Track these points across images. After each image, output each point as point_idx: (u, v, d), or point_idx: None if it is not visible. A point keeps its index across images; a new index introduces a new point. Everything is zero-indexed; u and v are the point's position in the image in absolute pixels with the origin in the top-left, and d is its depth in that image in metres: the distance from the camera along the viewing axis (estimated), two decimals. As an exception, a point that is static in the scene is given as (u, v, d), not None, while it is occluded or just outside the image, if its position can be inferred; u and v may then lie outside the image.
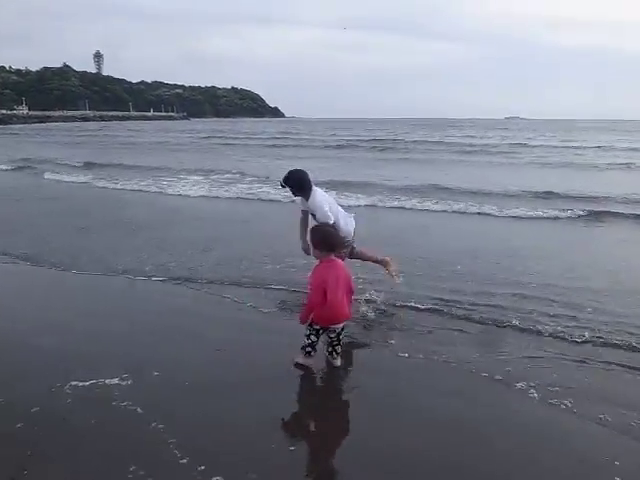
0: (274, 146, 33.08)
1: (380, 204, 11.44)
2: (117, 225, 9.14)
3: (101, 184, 15.29)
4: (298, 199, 5.08)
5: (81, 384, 3.51)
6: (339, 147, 31.49)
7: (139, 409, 3.22)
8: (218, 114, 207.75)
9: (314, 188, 4.89)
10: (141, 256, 6.89)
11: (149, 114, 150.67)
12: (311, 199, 4.84)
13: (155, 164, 20.04)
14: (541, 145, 32.13)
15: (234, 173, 16.98)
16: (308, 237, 4.15)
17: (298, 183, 4.87)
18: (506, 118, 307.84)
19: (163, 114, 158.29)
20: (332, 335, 3.76)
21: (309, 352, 3.75)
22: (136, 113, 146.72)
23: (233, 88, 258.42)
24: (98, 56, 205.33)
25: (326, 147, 31.68)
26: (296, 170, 4.93)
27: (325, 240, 3.72)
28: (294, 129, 60.08)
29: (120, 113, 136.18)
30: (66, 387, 3.48)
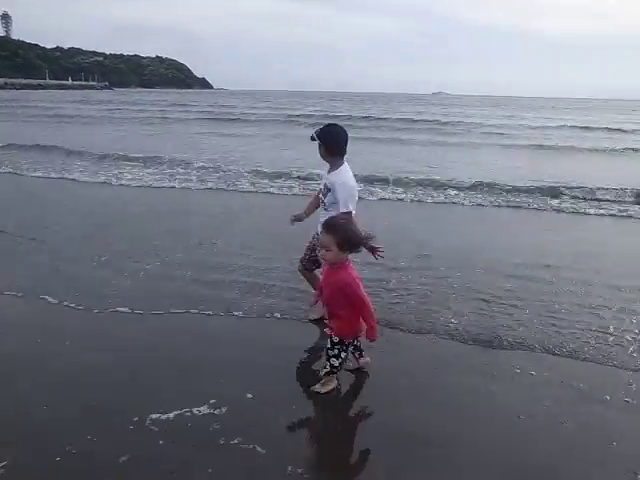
0: (212, 120, 31.42)
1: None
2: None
3: (38, 173, 12.23)
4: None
5: (164, 416, 3.00)
6: (290, 122, 30.59)
7: (258, 448, 2.76)
8: (143, 84, 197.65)
9: (345, 162, 4.12)
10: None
11: (68, 83, 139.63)
12: (337, 171, 4.06)
13: (92, 146, 16.81)
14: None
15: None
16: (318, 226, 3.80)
17: (329, 138, 4.05)
18: (433, 93, 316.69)
19: (83, 83, 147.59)
20: (355, 342, 3.39)
21: (335, 374, 3.28)
22: (53, 82, 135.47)
23: (158, 57, 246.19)
24: (6, 17, 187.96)
25: (277, 121, 30.68)
26: (334, 124, 4.23)
27: (352, 239, 3.02)
28: (226, 102, 57.27)
29: (35, 81, 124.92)
30: (147, 421, 2.96)
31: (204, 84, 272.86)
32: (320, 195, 4.20)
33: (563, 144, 20.76)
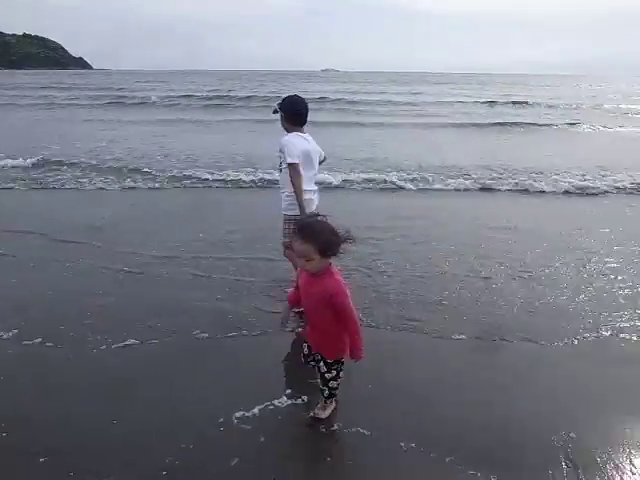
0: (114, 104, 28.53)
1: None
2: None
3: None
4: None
5: (248, 413, 2.91)
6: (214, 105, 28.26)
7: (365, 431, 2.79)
8: (10, 65, 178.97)
9: (306, 133, 4.27)
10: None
11: None
12: (290, 134, 4.18)
13: None
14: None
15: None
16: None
17: (290, 108, 4.23)
18: (322, 70, 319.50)
19: None
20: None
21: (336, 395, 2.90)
22: None
23: (26, 35, 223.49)
24: None
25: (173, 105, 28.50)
26: (295, 95, 4.37)
27: (334, 242, 2.52)
28: (118, 84, 52.24)
29: None
30: (233, 419, 2.86)
31: (82, 64, 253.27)
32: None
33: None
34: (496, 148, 14.13)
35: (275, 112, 4.31)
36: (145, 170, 10.05)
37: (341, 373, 2.78)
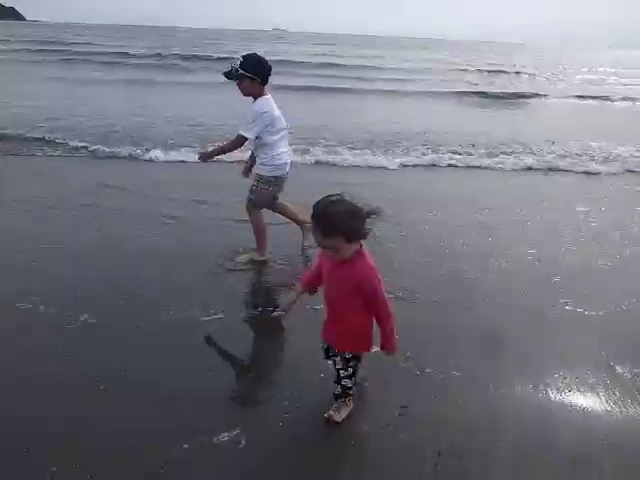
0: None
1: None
2: None
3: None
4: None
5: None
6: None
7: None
8: None
9: (263, 97, 3.98)
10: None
11: None
12: (260, 99, 3.97)
13: None
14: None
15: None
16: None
17: (260, 69, 3.92)
18: (273, 29, 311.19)
19: None
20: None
21: (351, 395, 2.61)
22: None
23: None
24: None
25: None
26: (254, 53, 4.08)
27: (360, 225, 2.21)
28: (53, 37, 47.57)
29: None
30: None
31: (13, 15, 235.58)
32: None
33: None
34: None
35: (231, 76, 3.93)
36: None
37: (357, 372, 2.51)
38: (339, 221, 2.15)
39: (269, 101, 3.98)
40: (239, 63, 3.88)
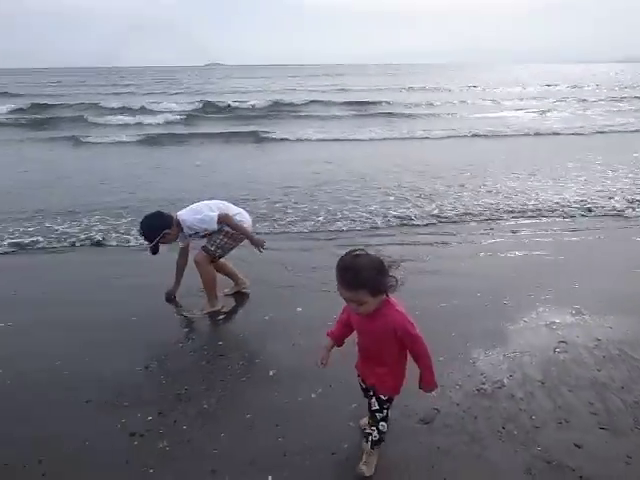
0: None
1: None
2: None
3: None
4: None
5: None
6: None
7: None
8: None
9: (177, 214, 4.16)
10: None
11: None
12: (185, 219, 4.10)
13: None
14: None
15: None
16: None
17: (163, 222, 4.06)
18: (206, 65, 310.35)
19: None
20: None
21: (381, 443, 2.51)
22: None
23: None
24: None
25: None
26: (145, 217, 4.14)
27: (384, 279, 2.21)
28: None
29: None
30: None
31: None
32: (190, 245, 4.36)
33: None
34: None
35: (156, 248, 4.06)
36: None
37: (389, 414, 2.46)
38: (363, 275, 2.16)
39: (183, 213, 4.13)
40: (146, 239, 4.06)
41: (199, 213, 4.08)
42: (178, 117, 20.58)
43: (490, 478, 2.40)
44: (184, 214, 4.12)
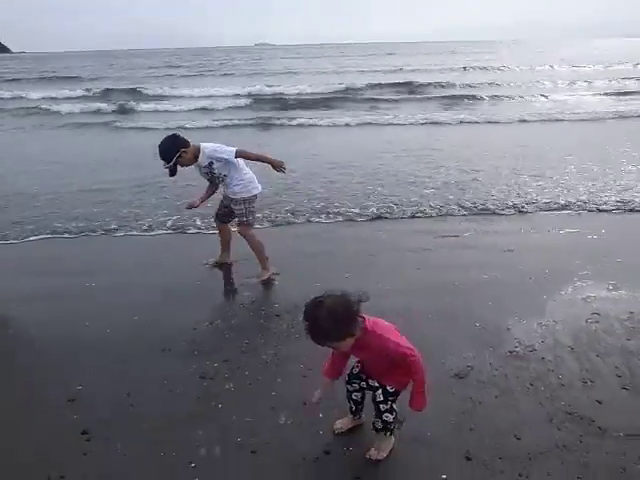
0: None
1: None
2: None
3: None
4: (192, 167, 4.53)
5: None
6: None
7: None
8: None
9: (200, 145, 4.38)
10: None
11: None
12: (202, 152, 4.35)
13: None
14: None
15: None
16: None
17: (180, 143, 4.29)
18: (256, 45, 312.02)
19: None
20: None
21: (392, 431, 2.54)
22: None
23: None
24: None
25: None
26: (165, 137, 4.36)
27: (352, 320, 2.22)
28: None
29: None
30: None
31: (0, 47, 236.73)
32: (212, 182, 4.56)
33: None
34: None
35: (174, 170, 4.30)
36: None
37: (395, 406, 2.47)
38: (324, 328, 2.19)
39: (204, 145, 4.35)
40: (163, 159, 4.26)
41: (219, 146, 4.35)
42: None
43: (515, 424, 2.69)
44: (205, 143, 4.39)
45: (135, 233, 6.00)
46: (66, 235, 5.97)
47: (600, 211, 6.23)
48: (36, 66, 52.35)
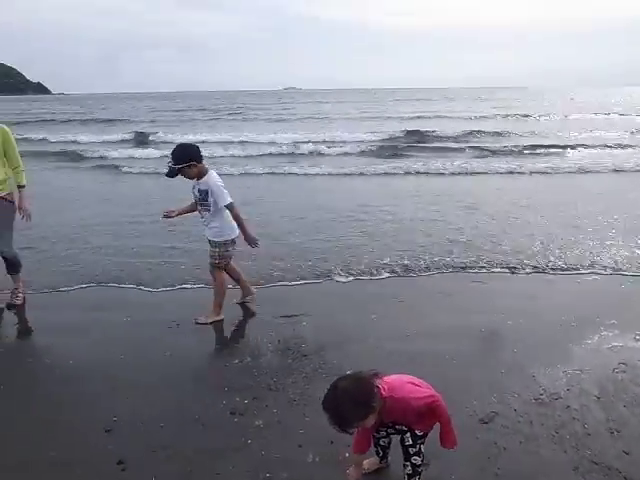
0: None
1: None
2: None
3: None
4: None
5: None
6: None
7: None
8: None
9: (210, 171, 4.49)
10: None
11: None
12: (208, 175, 4.44)
13: None
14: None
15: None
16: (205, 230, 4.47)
17: (192, 153, 4.35)
18: (284, 89, 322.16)
19: None
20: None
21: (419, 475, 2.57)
22: None
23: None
24: None
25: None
26: (178, 144, 4.55)
27: (370, 404, 2.25)
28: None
29: None
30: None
31: (40, 89, 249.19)
32: (197, 204, 4.56)
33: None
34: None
35: (172, 173, 4.34)
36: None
37: (422, 447, 2.50)
38: (345, 416, 2.23)
39: (214, 174, 4.46)
40: (172, 160, 4.32)
41: (224, 188, 4.39)
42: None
43: (539, 471, 2.71)
44: (215, 174, 4.46)
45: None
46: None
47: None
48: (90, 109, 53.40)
